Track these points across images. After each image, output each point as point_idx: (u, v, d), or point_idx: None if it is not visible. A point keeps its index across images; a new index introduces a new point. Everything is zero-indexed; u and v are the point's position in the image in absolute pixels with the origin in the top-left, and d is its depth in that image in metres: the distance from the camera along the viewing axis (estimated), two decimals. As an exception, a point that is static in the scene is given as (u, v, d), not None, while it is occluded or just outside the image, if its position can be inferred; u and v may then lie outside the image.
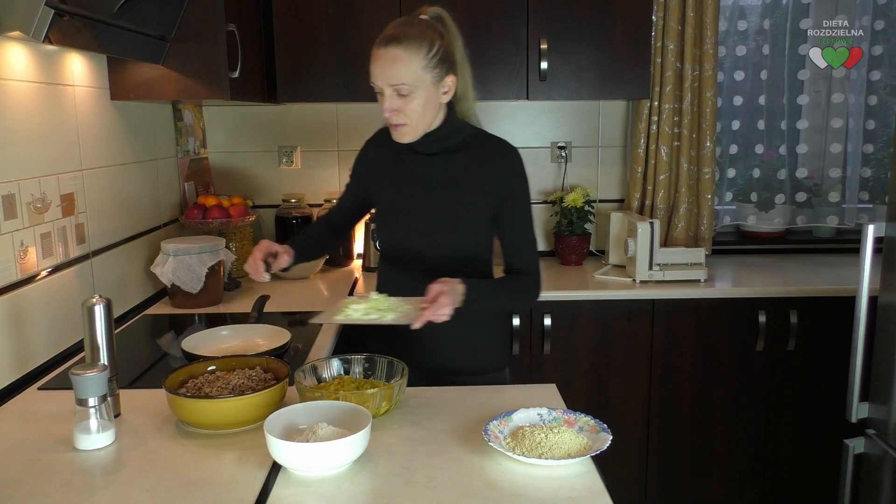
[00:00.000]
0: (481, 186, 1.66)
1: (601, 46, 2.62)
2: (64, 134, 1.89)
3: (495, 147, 1.70)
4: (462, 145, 1.68)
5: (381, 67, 1.55)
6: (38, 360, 1.74)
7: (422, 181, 1.68)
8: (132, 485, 1.19)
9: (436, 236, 1.68)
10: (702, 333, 2.56)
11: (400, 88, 1.55)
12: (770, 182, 3.10)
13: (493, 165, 1.66)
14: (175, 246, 2.24)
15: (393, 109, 1.57)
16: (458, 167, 1.66)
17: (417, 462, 1.25)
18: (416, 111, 1.58)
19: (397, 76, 1.54)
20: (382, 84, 1.56)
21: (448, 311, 1.47)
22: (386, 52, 1.55)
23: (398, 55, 1.54)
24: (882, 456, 2.10)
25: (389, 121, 1.60)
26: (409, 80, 1.54)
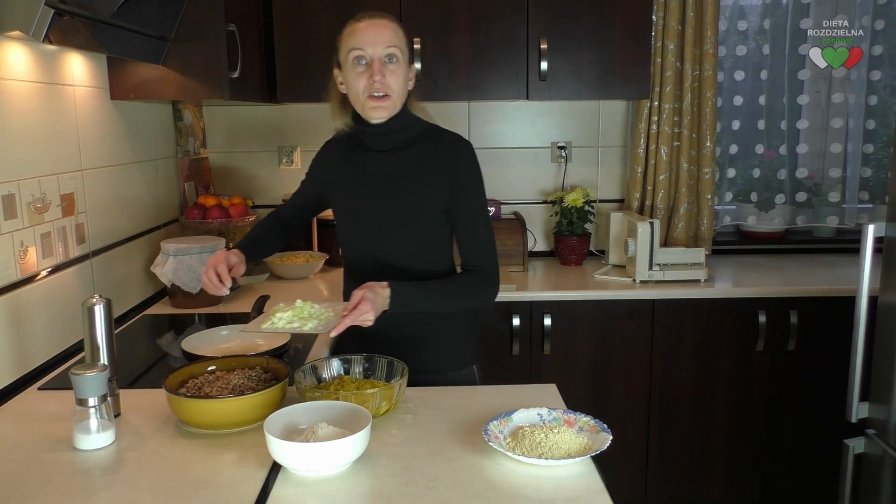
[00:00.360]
0: (432, 181, 1.64)
1: (601, 46, 2.62)
2: (64, 134, 1.89)
3: (446, 141, 1.68)
4: (414, 140, 1.67)
5: (372, 34, 1.56)
6: (38, 360, 1.74)
7: (374, 179, 1.67)
8: (132, 485, 1.19)
9: (390, 233, 1.66)
10: (702, 333, 2.56)
11: (393, 52, 1.56)
12: (770, 182, 3.10)
13: (443, 159, 1.64)
14: (175, 246, 2.24)
15: (381, 76, 1.56)
16: (410, 162, 1.66)
17: (417, 462, 1.25)
18: (400, 84, 1.59)
19: (391, 39, 1.57)
20: (375, 48, 1.56)
21: (370, 316, 1.46)
22: (374, 20, 1.58)
23: (387, 23, 1.58)
24: (882, 456, 2.10)
25: (373, 90, 1.57)
26: (399, 45, 1.58)
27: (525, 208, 3.08)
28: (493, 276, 1.66)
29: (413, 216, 1.65)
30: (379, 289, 1.51)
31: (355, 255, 1.74)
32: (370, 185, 1.67)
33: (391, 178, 1.66)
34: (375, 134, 1.65)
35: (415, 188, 1.64)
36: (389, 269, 1.65)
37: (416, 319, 1.67)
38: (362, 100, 1.59)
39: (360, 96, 1.59)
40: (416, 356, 1.62)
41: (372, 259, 1.68)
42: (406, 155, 1.66)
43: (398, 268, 1.65)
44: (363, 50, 1.56)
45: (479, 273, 1.65)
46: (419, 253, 1.68)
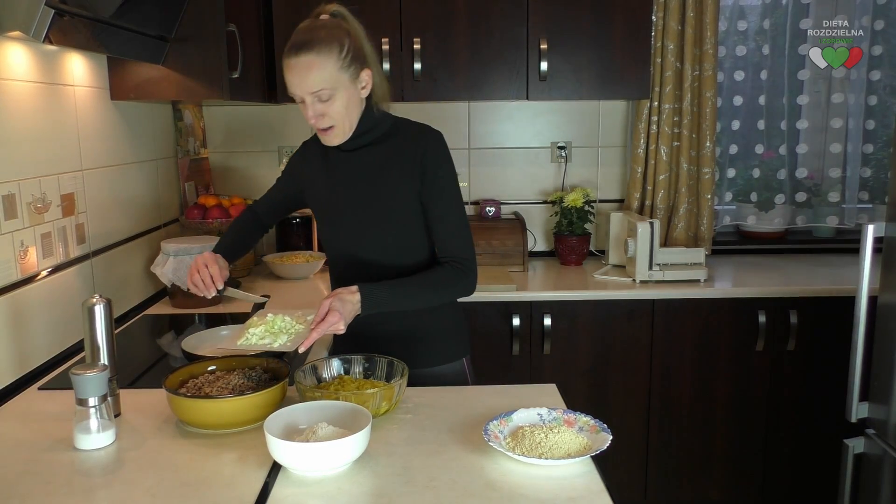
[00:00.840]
0: (402, 174, 1.63)
1: (601, 46, 2.62)
2: (64, 134, 1.89)
3: (414, 131, 1.67)
4: (384, 136, 1.66)
5: (297, 76, 1.53)
6: (38, 360, 1.74)
7: (348, 178, 1.67)
8: (132, 485, 1.19)
9: (367, 231, 1.66)
10: (702, 333, 2.56)
11: (320, 94, 1.53)
12: (770, 182, 3.10)
13: (411, 151, 1.63)
14: (175, 246, 2.24)
15: (318, 115, 1.55)
16: (381, 158, 1.65)
17: (417, 462, 1.25)
18: (340, 112, 1.56)
19: (315, 82, 1.52)
20: (302, 93, 1.54)
21: (340, 326, 1.46)
22: (298, 60, 1.52)
23: (312, 61, 1.51)
24: (882, 456, 2.10)
25: (316, 127, 1.58)
26: (328, 84, 1.53)
27: (525, 208, 3.08)
28: (468, 266, 1.62)
29: (388, 211, 1.64)
30: (347, 295, 1.50)
31: (335, 253, 1.74)
32: (343, 184, 1.67)
33: (362, 175, 1.65)
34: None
35: (386, 183, 1.64)
36: (370, 266, 1.65)
37: (401, 315, 1.67)
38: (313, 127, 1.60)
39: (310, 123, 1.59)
40: (404, 352, 1.61)
41: (351, 257, 1.68)
42: (375, 151, 1.65)
43: (378, 264, 1.65)
44: (293, 91, 1.56)
45: (454, 264, 1.61)
46: (398, 248, 1.66)
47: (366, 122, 1.63)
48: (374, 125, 1.65)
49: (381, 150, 1.65)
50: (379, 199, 1.64)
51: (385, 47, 2.56)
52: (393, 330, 1.69)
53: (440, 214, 1.63)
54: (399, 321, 1.68)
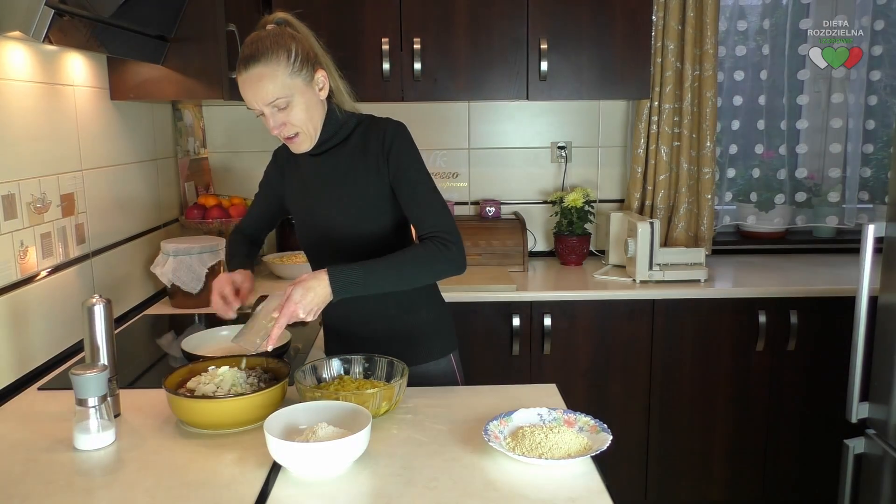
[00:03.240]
0: (368, 167, 1.61)
1: (601, 46, 2.62)
2: (64, 134, 1.89)
3: (375, 125, 1.65)
4: (348, 136, 1.65)
5: (251, 90, 1.52)
6: (38, 360, 1.74)
7: (320, 183, 1.66)
8: (132, 485, 1.19)
9: (344, 231, 1.64)
10: (702, 333, 2.56)
11: (277, 104, 1.52)
12: (770, 182, 3.10)
13: (373, 143, 1.61)
14: (175, 246, 2.24)
15: (279, 125, 1.54)
16: (345, 158, 1.63)
17: (417, 462, 1.25)
18: (302, 118, 1.55)
19: (269, 93, 1.51)
20: (258, 105, 1.53)
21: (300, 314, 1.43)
22: (249, 74, 1.52)
23: (262, 72, 1.51)
24: (882, 456, 2.10)
25: (281, 137, 1.57)
26: (282, 93, 1.51)
27: (525, 208, 3.08)
28: (451, 240, 1.54)
29: (361, 209, 1.62)
30: (312, 282, 1.44)
31: (315, 255, 1.73)
32: (315, 188, 1.66)
33: (332, 177, 1.65)
34: None
35: (357, 182, 1.62)
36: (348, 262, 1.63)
37: (385, 313, 1.66)
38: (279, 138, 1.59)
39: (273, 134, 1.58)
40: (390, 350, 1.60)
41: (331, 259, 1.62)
42: (343, 152, 1.64)
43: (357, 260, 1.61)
44: (251, 105, 1.54)
45: (435, 238, 1.54)
46: (377, 245, 1.63)
47: (331, 125, 1.62)
48: (339, 127, 1.63)
49: (348, 149, 1.64)
50: (353, 199, 1.63)
51: (385, 47, 2.56)
52: (379, 329, 1.68)
53: (411, 194, 1.59)
54: (384, 319, 1.68)
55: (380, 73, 2.59)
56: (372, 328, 1.68)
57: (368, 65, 2.59)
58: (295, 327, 2.06)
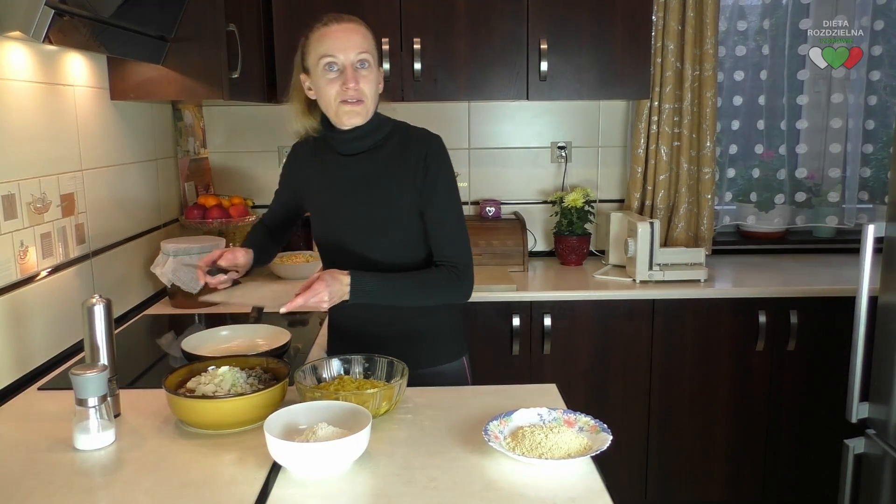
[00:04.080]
0: (403, 180, 1.62)
1: (601, 46, 2.62)
2: (64, 134, 1.89)
3: (414, 136, 1.66)
4: (383, 142, 1.65)
5: (343, 39, 1.53)
6: (38, 360, 1.74)
7: (346, 182, 1.65)
8: (132, 485, 1.19)
9: (367, 236, 1.64)
10: (702, 333, 2.56)
11: (365, 57, 1.55)
12: (770, 182, 3.10)
13: (412, 157, 1.62)
14: (175, 246, 2.24)
15: (355, 82, 1.54)
16: (380, 164, 1.64)
17: (417, 462, 1.25)
18: (372, 89, 1.57)
19: (362, 44, 1.55)
20: (346, 54, 1.54)
21: (324, 297, 1.46)
22: (341, 25, 1.55)
23: (356, 27, 1.56)
24: (882, 456, 2.10)
25: (348, 97, 1.55)
26: (370, 51, 1.56)
27: (525, 208, 3.08)
28: (464, 272, 1.61)
29: (388, 218, 1.63)
30: (340, 275, 1.50)
31: (332, 256, 1.72)
32: (343, 190, 1.66)
33: (363, 181, 1.64)
34: (346, 139, 1.64)
35: (387, 189, 1.63)
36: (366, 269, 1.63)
37: (403, 315, 1.66)
38: (335, 106, 1.57)
39: (332, 102, 1.57)
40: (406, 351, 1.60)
41: (349, 261, 1.64)
42: (376, 157, 1.64)
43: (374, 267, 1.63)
44: (335, 56, 1.54)
45: (450, 268, 1.60)
46: (397, 254, 1.65)
47: (371, 123, 1.63)
48: (376, 127, 1.64)
49: (382, 155, 1.64)
50: (380, 205, 1.63)
51: (385, 47, 2.56)
52: (396, 330, 1.69)
53: (438, 219, 1.62)
54: (401, 321, 1.68)
55: (380, 73, 2.58)
56: (392, 329, 1.69)
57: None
58: (294, 327, 2.06)
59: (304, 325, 2.13)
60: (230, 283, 1.64)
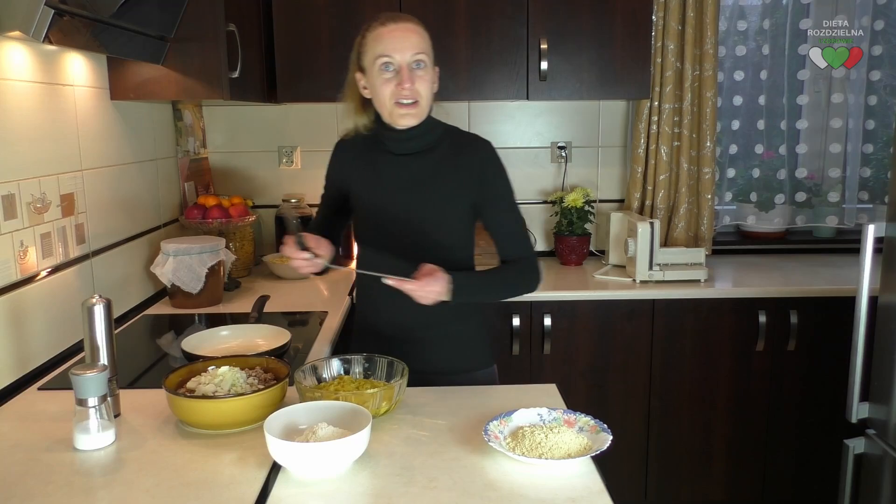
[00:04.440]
0: (457, 182, 1.64)
1: (601, 46, 2.62)
2: (64, 134, 1.89)
3: (466, 142, 1.69)
4: (436, 143, 1.67)
5: (400, 39, 1.55)
6: (38, 360, 1.74)
7: (398, 182, 1.66)
8: (132, 485, 1.19)
9: (418, 236, 1.66)
10: (702, 333, 2.56)
11: (421, 58, 1.56)
12: (770, 182, 3.10)
13: (466, 161, 1.65)
14: (175, 246, 2.24)
15: (411, 82, 1.55)
16: (433, 165, 1.65)
17: (417, 462, 1.25)
18: (427, 89, 1.59)
19: (418, 44, 1.56)
20: (403, 55, 1.55)
21: (437, 289, 1.48)
22: (398, 25, 1.56)
23: (414, 28, 1.57)
24: (882, 456, 2.10)
25: (399, 99, 1.57)
26: (427, 51, 1.57)
27: (525, 208, 3.02)
28: (535, 263, 1.69)
29: (440, 219, 1.66)
30: (439, 275, 1.51)
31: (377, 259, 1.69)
32: (395, 189, 1.66)
33: (417, 182, 1.65)
34: (400, 139, 1.65)
35: (441, 190, 1.65)
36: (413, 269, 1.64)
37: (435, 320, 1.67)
38: (390, 106, 1.59)
39: (387, 102, 1.58)
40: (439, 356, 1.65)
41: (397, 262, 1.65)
42: (429, 158, 1.66)
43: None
44: (391, 56, 1.55)
45: (523, 261, 1.67)
46: (443, 255, 1.66)
47: (426, 124, 1.65)
48: (430, 128, 1.66)
49: (436, 156, 1.66)
50: (432, 205, 1.65)
51: (385, 47, 2.55)
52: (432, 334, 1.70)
53: (502, 221, 1.68)
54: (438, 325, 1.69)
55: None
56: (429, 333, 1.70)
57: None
58: (294, 327, 2.06)
59: (304, 325, 2.13)
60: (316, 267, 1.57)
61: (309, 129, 3.03)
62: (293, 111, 3.02)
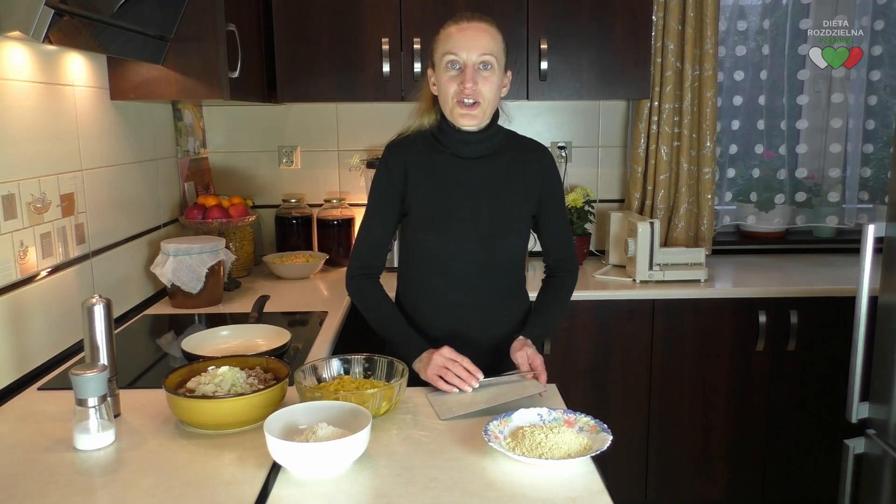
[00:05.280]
0: (525, 188, 1.68)
1: (601, 46, 2.62)
2: (64, 134, 1.89)
3: (530, 147, 1.74)
4: (501, 149, 1.69)
5: (469, 38, 1.56)
6: (38, 360, 1.74)
7: (465, 186, 1.66)
8: (132, 485, 1.19)
9: (487, 242, 1.67)
10: (702, 333, 2.56)
11: (488, 59, 1.56)
12: (770, 182, 3.10)
13: (533, 167, 1.70)
14: (175, 246, 2.24)
15: (474, 82, 1.55)
16: (500, 170, 1.68)
17: (417, 462, 1.25)
18: (492, 91, 1.59)
19: (487, 45, 1.56)
20: (469, 55, 1.55)
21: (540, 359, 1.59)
22: (472, 24, 1.58)
23: (486, 28, 1.58)
24: (882, 456, 2.10)
25: (461, 99, 1.57)
26: (496, 53, 1.57)
27: (525, 208, 3.07)
28: (577, 264, 1.84)
29: (510, 222, 1.68)
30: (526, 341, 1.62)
31: (435, 262, 1.68)
32: (461, 192, 1.66)
33: (485, 185, 1.67)
34: (469, 142, 1.65)
35: (510, 196, 1.67)
36: (469, 276, 1.68)
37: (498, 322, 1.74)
38: (451, 105, 1.60)
39: (449, 101, 1.60)
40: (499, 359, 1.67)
41: (458, 265, 1.67)
42: (496, 162, 1.68)
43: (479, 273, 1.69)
44: (457, 55, 1.56)
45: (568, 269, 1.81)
46: (510, 258, 1.72)
47: (493, 128, 1.67)
48: (496, 132, 1.68)
49: (502, 161, 1.68)
50: (504, 210, 1.67)
51: (385, 47, 2.56)
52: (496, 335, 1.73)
53: (562, 225, 1.76)
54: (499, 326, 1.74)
55: (380, 73, 2.59)
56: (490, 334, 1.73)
57: (368, 65, 2.59)
58: (294, 327, 2.06)
59: (304, 325, 2.13)
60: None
61: (309, 129, 3.03)
62: (293, 111, 3.02)
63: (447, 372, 1.50)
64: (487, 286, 1.71)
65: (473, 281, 1.69)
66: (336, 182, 3.06)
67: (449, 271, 1.70)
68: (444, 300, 1.71)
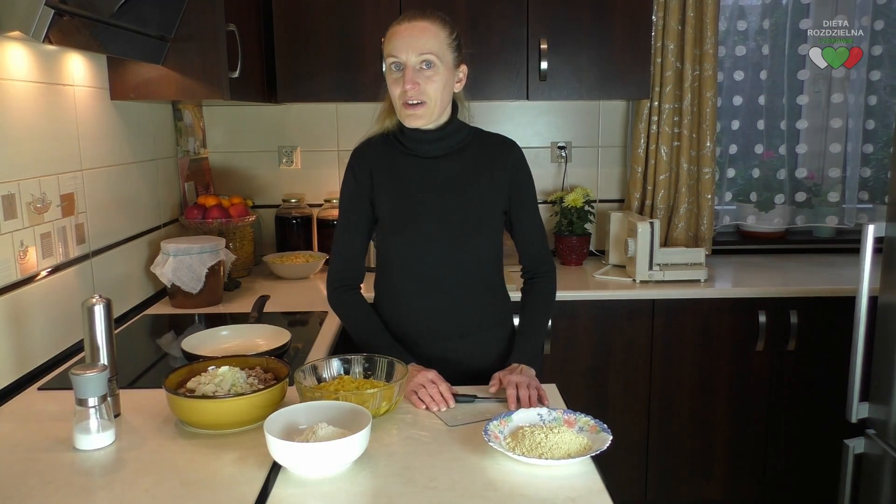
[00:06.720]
0: (492, 182, 1.66)
1: (601, 46, 2.62)
2: (64, 134, 1.89)
3: (498, 143, 1.71)
4: (464, 145, 1.67)
5: (407, 38, 1.54)
6: (38, 360, 1.74)
7: (430, 185, 1.65)
8: (132, 485, 1.19)
9: (455, 239, 1.65)
10: (702, 333, 2.56)
11: (428, 58, 1.54)
12: (770, 182, 3.10)
13: (500, 162, 1.67)
14: (175, 246, 2.24)
15: (414, 83, 1.54)
16: (466, 166, 1.65)
17: (417, 462, 1.25)
18: (437, 90, 1.57)
19: (426, 45, 1.54)
20: (408, 55, 1.54)
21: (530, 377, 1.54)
22: (412, 24, 1.56)
23: (426, 26, 1.56)
24: (882, 456, 2.10)
25: (406, 100, 1.56)
26: (437, 51, 1.55)
27: (525, 208, 3.07)
28: (553, 265, 1.80)
29: (478, 220, 1.66)
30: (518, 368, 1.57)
31: (408, 265, 1.67)
32: (427, 192, 1.65)
33: (450, 183, 1.65)
34: (428, 140, 1.64)
35: (477, 193, 1.65)
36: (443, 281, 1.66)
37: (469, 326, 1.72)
38: (398, 106, 1.59)
39: (396, 102, 1.59)
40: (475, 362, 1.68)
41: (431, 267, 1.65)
42: (460, 159, 1.66)
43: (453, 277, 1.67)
44: (398, 56, 1.55)
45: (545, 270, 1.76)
46: (482, 256, 1.69)
47: (453, 124, 1.65)
48: (457, 129, 1.67)
49: (467, 157, 1.66)
50: (472, 206, 1.65)
51: (385, 47, 2.55)
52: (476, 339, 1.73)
53: (534, 220, 1.72)
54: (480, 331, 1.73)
55: (380, 73, 2.58)
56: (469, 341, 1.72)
57: (368, 65, 2.59)
58: (294, 327, 2.06)
59: (304, 325, 2.13)
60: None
61: (309, 129, 3.03)
62: (293, 111, 3.02)
63: (423, 390, 1.49)
64: (465, 287, 1.67)
65: (449, 283, 1.66)
66: (336, 182, 3.06)
67: (423, 274, 1.66)
68: (420, 304, 1.68)
